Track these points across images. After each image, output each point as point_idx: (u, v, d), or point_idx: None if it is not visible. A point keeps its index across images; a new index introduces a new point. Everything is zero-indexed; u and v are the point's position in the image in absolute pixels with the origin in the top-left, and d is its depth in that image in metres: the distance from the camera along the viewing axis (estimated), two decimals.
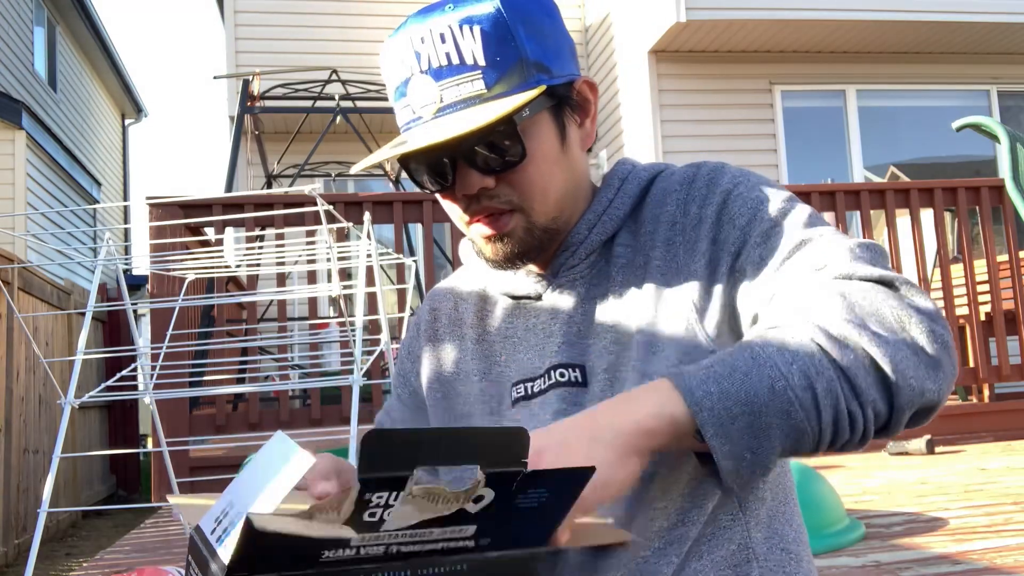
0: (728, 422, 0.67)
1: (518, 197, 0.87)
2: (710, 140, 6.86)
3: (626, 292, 0.90)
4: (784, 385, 0.68)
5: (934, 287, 4.94)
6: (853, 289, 0.74)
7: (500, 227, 0.88)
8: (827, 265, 0.78)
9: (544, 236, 0.90)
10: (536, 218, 0.89)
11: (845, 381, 0.69)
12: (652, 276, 0.89)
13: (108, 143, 14.05)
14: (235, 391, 4.30)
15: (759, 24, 6.59)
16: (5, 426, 4.80)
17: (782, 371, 0.68)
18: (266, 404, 4.79)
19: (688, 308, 0.85)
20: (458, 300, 1.03)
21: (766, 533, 0.85)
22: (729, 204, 0.87)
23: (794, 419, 0.68)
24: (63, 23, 11.92)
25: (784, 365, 0.68)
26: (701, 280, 0.86)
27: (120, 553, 2.94)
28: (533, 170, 0.87)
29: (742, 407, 0.67)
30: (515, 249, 0.89)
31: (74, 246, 8.84)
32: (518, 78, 0.84)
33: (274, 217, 4.06)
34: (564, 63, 0.89)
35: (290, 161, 7.66)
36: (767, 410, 0.67)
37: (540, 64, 0.86)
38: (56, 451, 1.99)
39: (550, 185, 0.89)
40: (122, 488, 7.97)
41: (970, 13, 6.65)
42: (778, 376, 0.68)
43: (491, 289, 1.00)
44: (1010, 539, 2.36)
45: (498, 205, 0.87)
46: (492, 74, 0.84)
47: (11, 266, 4.69)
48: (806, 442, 0.70)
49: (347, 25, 8.94)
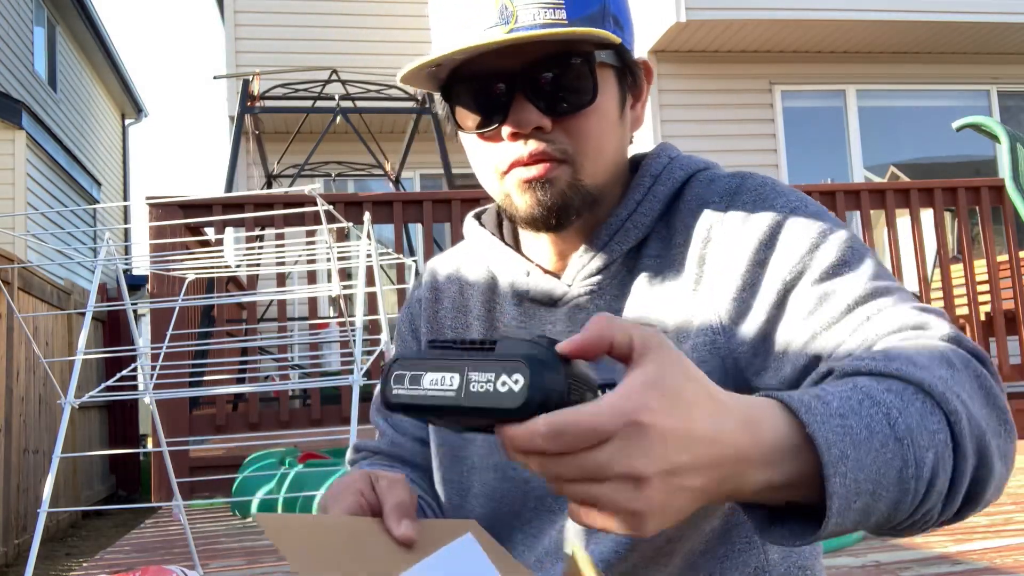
0: (853, 499, 0.54)
1: (572, 146, 0.80)
2: (710, 140, 6.86)
3: (651, 308, 0.83)
4: (913, 475, 0.56)
5: (934, 287, 4.94)
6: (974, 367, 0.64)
7: (546, 172, 0.79)
8: (928, 325, 0.69)
9: (586, 199, 0.82)
10: (584, 175, 0.81)
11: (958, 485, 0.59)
12: (680, 294, 0.81)
13: (108, 143, 14.05)
14: (235, 391, 4.30)
15: (759, 24, 6.58)
16: (5, 426, 4.80)
17: (916, 457, 0.56)
18: (266, 404, 4.79)
19: (715, 331, 0.79)
20: (464, 285, 0.96)
21: (783, 552, 0.84)
22: (785, 228, 0.78)
23: (898, 509, 0.58)
24: (63, 23, 11.92)
25: (920, 450, 0.56)
26: (735, 303, 0.78)
27: (120, 553, 2.94)
28: (595, 122, 0.80)
29: (869, 485, 0.55)
30: (556, 201, 0.80)
31: (74, 246, 8.84)
32: (600, 23, 0.79)
33: (274, 217, 4.06)
34: (633, 37, 0.86)
35: (290, 161, 7.66)
36: (885, 496, 0.56)
37: (619, 20, 0.81)
38: (56, 451, 1.99)
39: (606, 144, 0.82)
40: (122, 488, 7.97)
41: (970, 13, 6.65)
42: (911, 462, 0.56)
43: (501, 282, 0.92)
44: (1010, 539, 2.36)
45: (550, 150, 0.79)
46: (576, 8, 0.77)
47: (11, 266, 4.69)
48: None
49: (347, 25, 8.94)
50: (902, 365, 0.60)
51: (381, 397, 0.57)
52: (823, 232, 0.77)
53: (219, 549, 2.87)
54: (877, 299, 0.73)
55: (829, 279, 0.75)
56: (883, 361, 0.61)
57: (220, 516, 3.56)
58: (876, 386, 0.58)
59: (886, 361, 0.61)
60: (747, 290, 0.78)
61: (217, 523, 3.40)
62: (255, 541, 2.99)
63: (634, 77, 0.85)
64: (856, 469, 0.54)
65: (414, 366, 0.56)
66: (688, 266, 0.82)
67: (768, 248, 0.78)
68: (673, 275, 0.82)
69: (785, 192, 0.82)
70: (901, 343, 0.65)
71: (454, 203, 4.32)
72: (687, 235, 0.83)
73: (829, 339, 0.72)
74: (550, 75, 0.77)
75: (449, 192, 4.45)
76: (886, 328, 0.69)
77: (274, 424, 4.11)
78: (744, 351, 0.78)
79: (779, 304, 0.76)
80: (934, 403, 0.58)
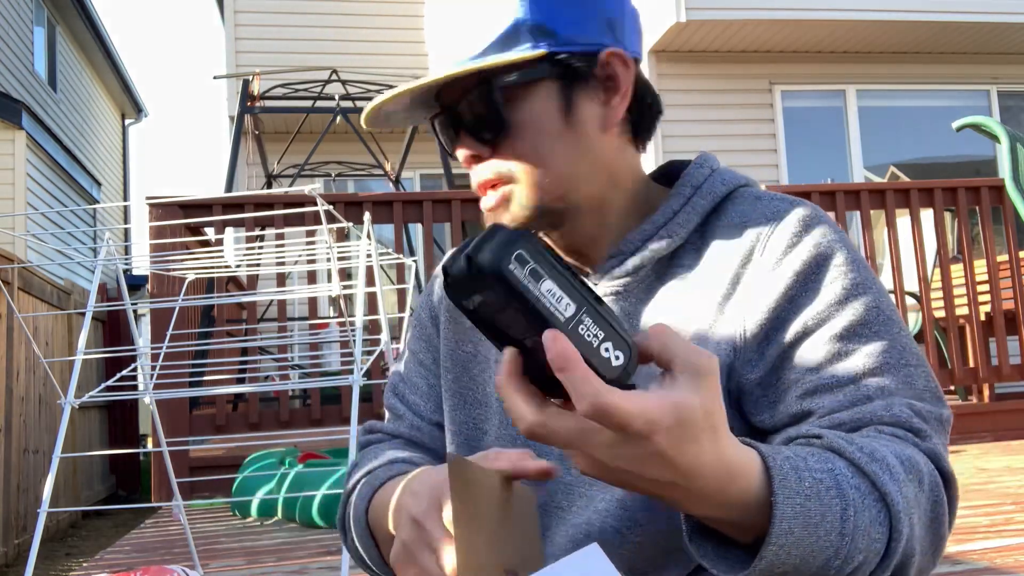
0: (778, 567, 0.60)
1: (509, 169, 0.82)
2: (710, 140, 6.86)
3: (675, 316, 0.82)
4: (838, 566, 0.61)
5: (934, 287, 4.94)
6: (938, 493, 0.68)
7: (497, 201, 0.83)
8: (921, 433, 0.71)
9: (552, 216, 0.83)
10: (530, 194, 0.82)
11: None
12: (706, 309, 0.81)
13: (108, 143, 14.05)
14: (235, 391, 4.30)
15: (759, 24, 6.58)
16: (5, 426, 4.80)
17: (848, 553, 0.61)
18: (266, 404, 4.79)
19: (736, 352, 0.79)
20: None
21: None
22: (823, 270, 0.78)
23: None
24: (63, 23, 11.92)
25: (854, 550, 0.61)
26: (760, 330, 0.78)
27: (120, 553, 2.94)
28: (528, 140, 0.81)
29: (798, 560, 0.60)
30: (514, 223, 0.82)
31: (74, 246, 8.84)
32: (514, 42, 0.80)
33: (274, 217, 4.06)
34: (587, 30, 0.81)
35: (290, 161, 7.66)
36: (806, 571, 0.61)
37: (542, 28, 0.80)
38: (56, 451, 1.99)
39: (547, 161, 0.82)
40: (122, 488, 7.97)
41: (970, 13, 6.65)
42: (842, 554, 0.61)
43: None
44: (1010, 539, 2.36)
45: (490, 176, 0.82)
46: (486, 34, 0.80)
47: (11, 266, 4.69)
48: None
49: (347, 25, 8.95)
50: (880, 471, 0.64)
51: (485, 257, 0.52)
52: (857, 286, 0.78)
53: (219, 549, 2.87)
54: (886, 377, 0.74)
55: (847, 340, 0.76)
56: (866, 458, 0.64)
57: (220, 516, 3.57)
58: (848, 479, 0.63)
59: (868, 460, 0.64)
60: (773, 322, 0.78)
61: (217, 523, 3.40)
62: (255, 541, 2.99)
63: (585, 77, 0.82)
64: (794, 545, 0.59)
65: (538, 260, 0.53)
66: (720, 282, 0.81)
67: (803, 286, 0.78)
68: (702, 288, 0.82)
69: (828, 226, 0.82)
70: (889, 443, 0.68)
71: (454, 203, 4.32)
72: (724, 250, 0.82)
73: (826, 401, 0.75)
74: (466, 108, 0.81)
75: (449, 192, 4.45)
76: (881, 417, 0.72)
77: (274, 424, 4.11)
78: (753, 381, 0.79)
79: (792, 345, 0.77)
80: (887, 517, 0.63)
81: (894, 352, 0.75)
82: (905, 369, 0.75)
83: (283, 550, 2.80)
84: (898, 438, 0.70)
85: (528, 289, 0.52)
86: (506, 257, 0.51)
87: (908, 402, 0.73)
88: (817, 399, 0.75)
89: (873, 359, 0.75)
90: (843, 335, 0.76)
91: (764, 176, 6.85)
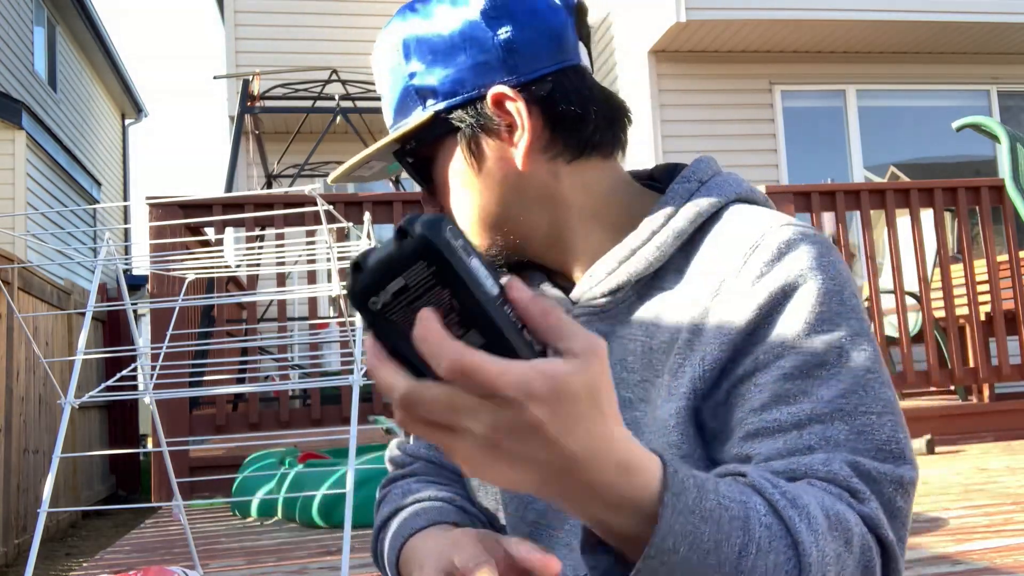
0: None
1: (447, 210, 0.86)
2: (710, 140, 6.86)
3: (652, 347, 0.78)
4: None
5: (934, 287, 4.94)
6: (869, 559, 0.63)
7: None
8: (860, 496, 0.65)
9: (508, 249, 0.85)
10: (473, 233, 0.85)
11: None
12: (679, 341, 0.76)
13: (108, 143, 14.06)
14: (235, 391, 4.31)
15: (759, 24, 6.59)
16: (5, 426, 4.80)
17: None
18: (266, 404, 4.79)
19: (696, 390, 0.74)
20: None
21: None
22: (787, 301, 0.72)
23: None
24: (63, 23, 11.92)
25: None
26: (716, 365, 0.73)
27: (120, 553, 2.94)
28: (444, 197, 0.85)
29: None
30: None
31: (74, 246, 8.84)
32: (408, 107, 0.84)
33: (274, 217, 4.06)
34: (463, 78, 0.79)
35: (290, 161, 7.66)
36: None
37: (425, 89, 0.81)
38: (56, 451, 1.99)
39: (470, 210, 0.84)
40: (122, 488, 7.97)
41: (970, 13, 6.65)
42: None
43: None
44: (1010, 539, 2.36)
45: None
46: (389, 106, 0.86)
47: (11, 266, 4.69)
48: None
49: (347, 25, 8.94)
50: (799, 518, 0.59)
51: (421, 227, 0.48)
52: (822, 321, 0.71)
53: (219, 549, 2.87)
54: (836, 425, 0.68)
55: (798, 379, 0.70)
56: (786, 502, 0.60)
57: (220, 516, 3.57)
58: (760, 516, 0.58)
59: (788, 505, 0.59)
60: (730, 355, 0.73)
61: (217, 523, 3.41)
62: (255, 541, 2.99)
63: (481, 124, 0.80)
64: (678, 567, 0.54)
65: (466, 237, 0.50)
66: (694, 312, 0.76)
67: (764, 318, 0.72)
68: (679, 316, 0.77)
69: (808, 252, 0.74)
70: (820, 495, 0.63)
71: None
72: (702, 275, 0.77)
73: (764, 448, 0.69)
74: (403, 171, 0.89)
75: None
76: (816, 472, 0.66)
77: (274, 424, 4.11)
78: (710, 417, 0.74)
79: (742, 381, 0.72)
80: (797, 569, 0.58)
81: (852, 398, 0.68)
82: (863, 418, 0.68)
83: (283, 550, 2.80)
84: (831, 495, 0.64)
85: (463, 260, 0.48)
86: (443, 227, 0.48)
87: (853, 459, 0.66)
88: (756, 443, 0.69)
89: (823, 404, 0.68)
90: (794, 374, 0.69)
91: (764, 176, 6.85)
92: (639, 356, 0.79)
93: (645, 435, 0.76)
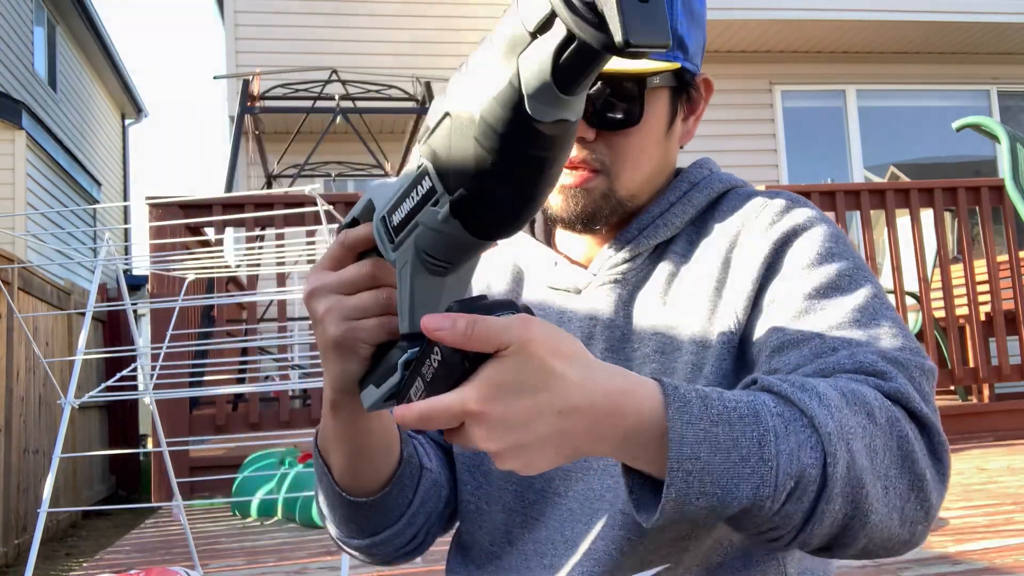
0: (692, 500, 0.58)
1: (611, 159, 0.85)
2: (710, 140, 6.86)
3: (672, 301, 0.85)
4: (769, 495, 0.58)
5: (934, 287, 4.94)
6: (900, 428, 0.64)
7: (583, 181, 0.85)
8: (885, 375, 0.68)
9: (616, 208, 0.86)
10: (619, 187, 0.85)
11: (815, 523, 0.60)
12: (703, 295, 0.83)
13: (108, 143, 14.05)
14: (235, 391, 4.30)
15: (759, 24, 6.59)
16: (5, 426, 4.80)
17: (778, 483, 0.58)
18: (266, 404, 4.79)
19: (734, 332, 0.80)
20: (491, 281, 0.98)
21: (798, 568, 0.84)
22: (797, 238, 0.81)
23: (751, 520, 0.60)
24: (63, 23, 11.92)
25: (783, 478, 0.58)
26: (747, 302, 0.80)
27: (120, 553, 2.94)
28: (636, 140, 0.85)
29: (715, 496, 0.58)
30: (587, 209, 0.85)
31: (74, 246, 8.84)
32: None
33: (274, 217, 4.06)
34: (698, 52, 0.90)
35: (290, 161, 7.66)
36: (734, 508, 0.58)
37: (682, 41, 0.86)
38: (56, 451, 1.99)
39: (644, 161, 0.86)
40: (122, 488, 7.97)
41: (970, 13, 6.65)
42: (770, 485, 0.58)
43: (527, 274, 0.95)
44: (1010, 539, 2.36)
45: (590, 160, 0.84)
46: None
47: (11, 266, 4.69)
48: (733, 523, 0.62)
49: (347, 25, 8.94)
50: (808, 399, 0.61)
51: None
52: (831, 254, 0.79)
53: (219, 549, 2.87)
54: (855, 330, 0.73)
55: (815, 298, 0.76)
56: (794, 389, 0.62)
57: (220, 516, 3.57)
58: (771, 408, 0.61)
59: (797, 391, 0.62)
60: (755, 292, 0.81)
61: (217, 523, 3.41)
62: (255, 541, 2.99)
63: (689, 95, 0.90)
64: (705, 472, 0.57)
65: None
66: (712, 267, 0.84)
67: (778, 253, 0.81)
68: (696, 274, 0.85)
69: (810, 210, 0.85)
70: (834, 382, 0.65)
71: None
72: (716, 238, 0.86)
73: (791, 358, 0.73)
74: (604, 91, 0.83)
75: None
76: (844, 366, 0.69)
77: (274, 424, 4.11)
78: (746, 349, 0.81)
79: (765, 309, 0.79)
80: (819, 441, 0.60)
81: (866, 311, 0.74)
82: (880, 328, 0.73)
83: (283, 550, 2.80)
84: (854, 381, 0.66)
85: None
86: None
87: (878, 349, 0.71)
88: (783, 356, 0.74)
89: (842, 315, 0.74)
90: (811, 294, 0.76)
91: (764, 176, 6.85)
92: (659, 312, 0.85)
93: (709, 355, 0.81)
